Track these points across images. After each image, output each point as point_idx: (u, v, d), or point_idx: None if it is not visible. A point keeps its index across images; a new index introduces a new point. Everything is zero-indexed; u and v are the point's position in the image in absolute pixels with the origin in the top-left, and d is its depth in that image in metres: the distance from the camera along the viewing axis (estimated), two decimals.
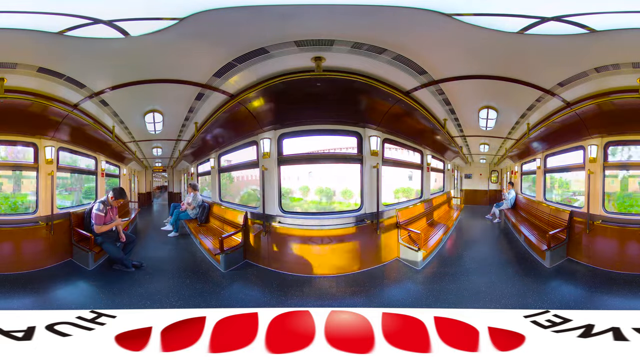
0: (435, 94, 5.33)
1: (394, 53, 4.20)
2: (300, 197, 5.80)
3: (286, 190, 5.63)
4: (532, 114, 5.96)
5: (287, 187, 5.64)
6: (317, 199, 5.81)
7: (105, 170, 7.09)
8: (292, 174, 5.73)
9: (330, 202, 5.75)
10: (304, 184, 5.80)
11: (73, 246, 5.58)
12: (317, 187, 5.79)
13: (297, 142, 5.53)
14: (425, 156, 7.57)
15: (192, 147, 7.72)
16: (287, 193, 5.66)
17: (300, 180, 5.79)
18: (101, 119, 5.95)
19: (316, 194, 5.80)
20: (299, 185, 5.80)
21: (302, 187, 5.78)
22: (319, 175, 5.79)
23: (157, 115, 5.95)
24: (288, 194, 5.69)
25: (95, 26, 3.59)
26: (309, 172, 5.78)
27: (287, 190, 5.65)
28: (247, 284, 4.89)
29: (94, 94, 5.06)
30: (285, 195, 5.61)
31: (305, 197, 5.78)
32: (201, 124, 6.26)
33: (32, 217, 5.33)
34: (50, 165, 5.56)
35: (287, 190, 5.66)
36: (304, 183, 5.80)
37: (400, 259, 5.71)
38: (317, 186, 5.80)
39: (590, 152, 5.64)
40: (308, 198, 5.78)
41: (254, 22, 3.61)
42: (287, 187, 5.64)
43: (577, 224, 5.73)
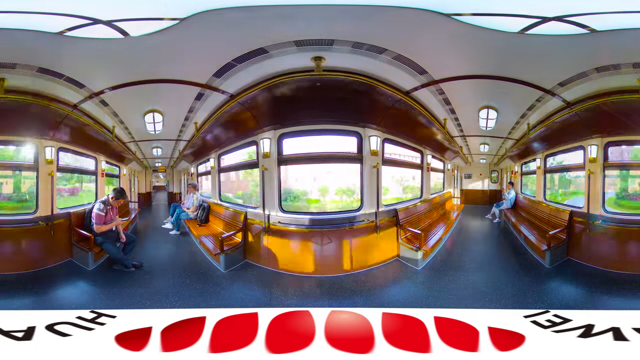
0: (435, 94, 5.33)
1: (394, 53, 4.20)
2: (318, 198, 5.68)
3: (302, 192, 5.55)
4: (532, 114, 5.95)
5: (301, 188, 5.56)
6: (338, 199, 5.68)
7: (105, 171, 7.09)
8: (305, 174, 5.63)
9: (351, 201, 5.64)
10: (323, 184, 5.67)
11: (73, 246, 5.58)
12: (337, 187, 5.67)
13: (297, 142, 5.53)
14: (425, 156, 7.57)
15: (192, 147, 7.72)
16: (302, 195, 5.57)
17: (317, 180, 5.69)
18: (101, 119, 5.95)
19: (337, 194, 5.69)
20: (317, 186, 5.69)
21: (321, 187, 5.66)
22: (338, 175, 5.68)
23: (157, 115, 5.95)
24: (304, 195, 5.59)
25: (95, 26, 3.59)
26: (327, 172, 5.66)
27: (302, 192, 5.56)
28: (247, 284, 4.89)
29: (93, 94, 5.06)
30: (300, 197, 5.54)
31: (324, 197, 5.65)
32: (201, 124, 6.26)
33: (32, 217, 5.33)
34: (50, 165, 5.57)
35: (302, 192, 5.57)
36: (322, 183, 5.67)
37: (400, 258, 5.71)
38: (337, 186, 5.68)
39: (590, 152, 5.64)
40: (328, 198, 5.66)
41: (253, 22, 3.60)
42: (302, 189, 5.56)
43: (577, 223, 5.73)
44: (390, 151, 6.32)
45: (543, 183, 7.44)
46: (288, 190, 5.62)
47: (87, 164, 6.74)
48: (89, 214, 5.59)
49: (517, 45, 3.94)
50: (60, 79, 4.58)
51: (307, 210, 5.62)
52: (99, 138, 6.43)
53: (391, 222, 5.86)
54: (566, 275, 5.16)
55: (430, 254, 5.79)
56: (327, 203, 5.74)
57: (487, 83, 4.91)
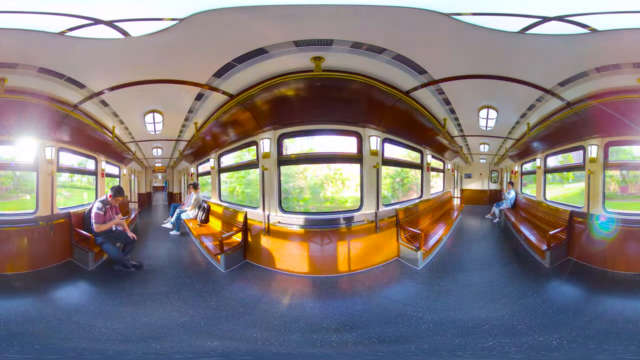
0: (435, 94, 5.33)
1: (394, 53, 4.19)
2: (346, 196, 5.44)
3: (316, 183, 5.25)
4: (532, 114, 5.95)
5: (315, 181, 5.30)
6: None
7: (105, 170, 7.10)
8: (318, 171, 5.47)
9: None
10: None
11: (73, 246, 5.58)
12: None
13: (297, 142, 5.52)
14: (425, 156, 7.58)
15: (192, 147, 7.73)
16: (317, 186, 5.28)
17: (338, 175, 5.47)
18: (101, 119, 5.96)
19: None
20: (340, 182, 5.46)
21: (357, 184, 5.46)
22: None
23: (157, 115, 5.96)
24: (318, 187, 5.25)
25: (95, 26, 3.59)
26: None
27: (316, 183, 5.24)
28: (247, 284, 4.88)
29: (94, 94, 5.06)
30: (315, 194, 5.28)
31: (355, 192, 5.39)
32: (201, 124, 6.27)
33: (32, 217, 5.34)
34: (50, 165, 5.57)
35: (317, 184, 5.24)
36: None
37: (400, 258, 5.71)
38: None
39: (590, 152, 5.64)
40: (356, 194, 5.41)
41: (253, 22, 3.60)
42: (315, 181, 5.28)
43: (577, 223, 5.72)
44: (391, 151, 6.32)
45: (543, 183, 7.45)
46: (318, 183, 5.45)
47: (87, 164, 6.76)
48: (88, 214, 5.59)
49: (517, 45, 3.93)
50: (61, 79, 4.58)
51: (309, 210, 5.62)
52: (99, 138, 6.43)
53: (391, 222, 5.86)
54: (566, 275, 5.15)
55: (430, 253, 5.80)
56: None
57: (487, 83, 4.90)
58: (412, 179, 7.56)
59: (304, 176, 5.58)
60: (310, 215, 5.41)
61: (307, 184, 5.59)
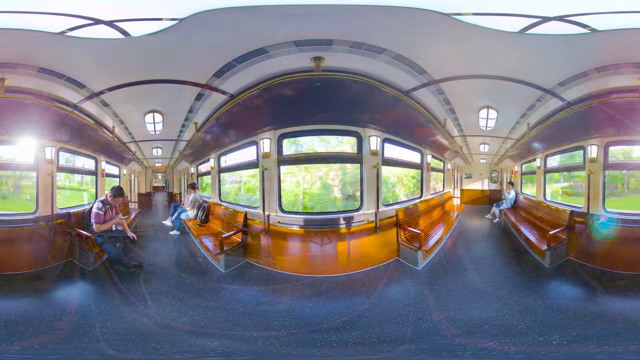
0: (435, 94, 5.33)
1: (394, 53, 4.19)
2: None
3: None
4: (532, 114, 5.95)
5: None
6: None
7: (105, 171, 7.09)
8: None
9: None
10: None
11: (73, 246, 5.58)
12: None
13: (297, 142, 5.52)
14: (425, 156, 7.57)
15: (192, 147, 7.73)
16: (328, 186, 5.23)
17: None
18: (101, 119, 5.95)
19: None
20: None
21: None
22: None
23: (157, 115, 5.96)
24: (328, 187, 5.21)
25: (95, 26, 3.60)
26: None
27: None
28: (247, 284, 4.88)
29: (94, 94, 5.06)
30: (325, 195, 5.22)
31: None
32: (201, 124, 6.26)
33: (32, 217, 5.33)
34: (50, 165, 5.57)
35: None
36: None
37: (400, 258, 5.70)
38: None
39: (590, 152, 5.64)
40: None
41: (253, 22, 3.61)
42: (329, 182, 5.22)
43: (577, 223, 5.72)
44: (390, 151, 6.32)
45: (543, 183, 7.44)
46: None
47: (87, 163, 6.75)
48: (88, 214, 5.59)
49: (517, 45, 3.94)
50: (61, 79, 4.59)
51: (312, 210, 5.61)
52: (99, 138, 6.43)
53: (391, 222, 5.86)
54: (566, 275, 5.15)
55: (430, 254, 5.79)
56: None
57: (487, 83, 4.90)
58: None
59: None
60: (310, 215, 5.41)
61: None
